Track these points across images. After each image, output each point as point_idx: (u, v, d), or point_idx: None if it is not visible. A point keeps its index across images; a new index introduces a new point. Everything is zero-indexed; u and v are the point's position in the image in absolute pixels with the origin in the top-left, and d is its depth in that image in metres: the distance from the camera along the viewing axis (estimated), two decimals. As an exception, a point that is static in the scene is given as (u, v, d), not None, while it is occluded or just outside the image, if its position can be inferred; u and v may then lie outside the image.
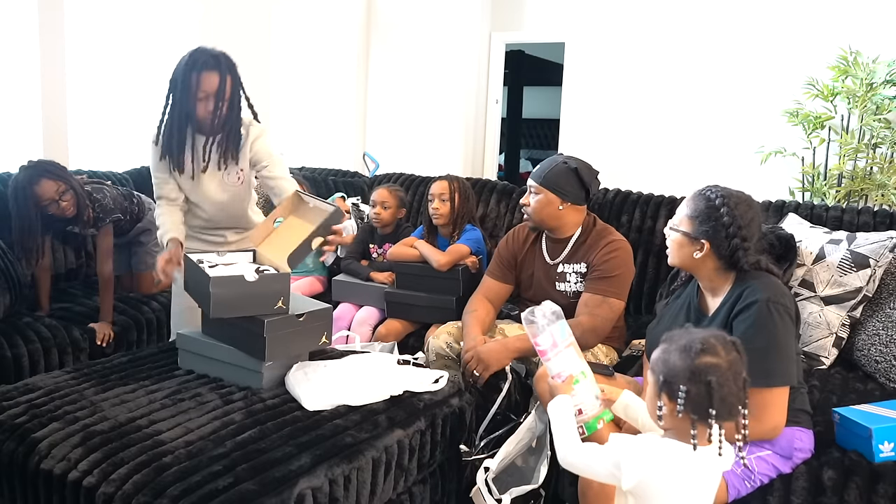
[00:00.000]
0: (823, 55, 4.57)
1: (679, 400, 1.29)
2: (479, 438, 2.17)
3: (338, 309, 2.93)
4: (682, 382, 1.29)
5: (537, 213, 2.37)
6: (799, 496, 1.55)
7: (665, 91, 5.29)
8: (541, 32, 5.83)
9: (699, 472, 1.34)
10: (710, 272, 1.74)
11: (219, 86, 2.10)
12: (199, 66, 2.07)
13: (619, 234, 2.42)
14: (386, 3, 5.92)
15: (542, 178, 2.34)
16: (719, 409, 1.29)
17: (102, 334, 2.62)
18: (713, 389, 1.28)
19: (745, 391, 1.31)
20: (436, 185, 2.92)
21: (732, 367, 1.31)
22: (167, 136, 2.19)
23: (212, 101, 2.11)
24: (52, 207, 2.59)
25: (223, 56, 2.13)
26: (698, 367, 1.29)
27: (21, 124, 3.48)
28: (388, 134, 6.04)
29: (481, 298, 2.47)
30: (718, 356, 1.30)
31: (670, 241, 1.78)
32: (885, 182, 4.24)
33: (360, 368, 1.90)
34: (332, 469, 1.49)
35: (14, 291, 2.58)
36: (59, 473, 1.45)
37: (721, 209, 1.68)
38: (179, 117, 2.14)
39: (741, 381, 1.31)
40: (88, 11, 3.74)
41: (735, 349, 1.34)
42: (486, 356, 2.19)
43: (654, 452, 1.34)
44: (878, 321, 2.21)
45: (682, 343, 1.33)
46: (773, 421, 1.59)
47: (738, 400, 1.30)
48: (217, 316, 1.79)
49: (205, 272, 1.82)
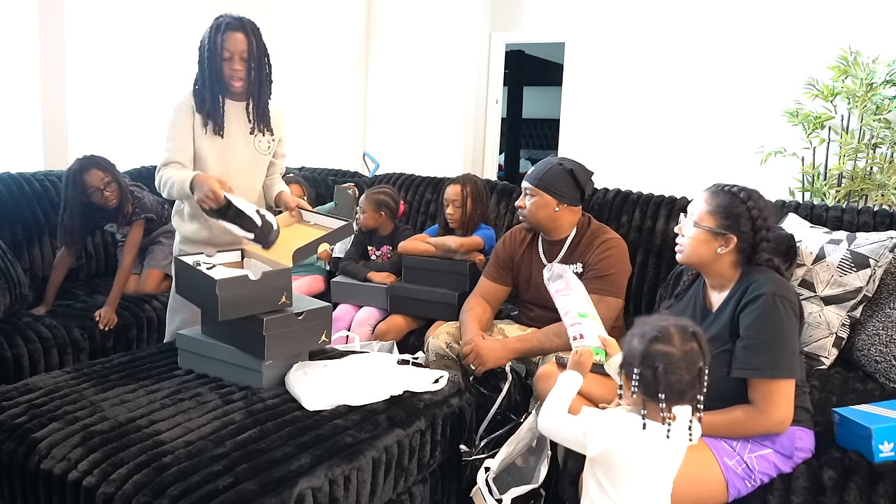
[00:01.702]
0: (823, 55, 4.57)
1: (633, 381, 1.39)
2: (479, 438, 2.17)
3: (337, 310, 2.93)
4: (636, 365, 1.40)
5: (533, 216, 2.37)
6: (799, 496, 1.55)
7: (665, 91, 5.29)
8: (541, 32, 5.83)
9: (660, 446, 1.40)
10: (725, 268, 1.74)
11: (243, 47, 2.17)
12: (223, 28, 2.15)
13: (613, 232, 2.42)
14: (386, 3, 5.92)
15: (538, 181, 2.34)
16: (667, 394, 1.37)
17: (107, 319, 2.67)
18: (660, 375, 1.36)
19: (699, 380, 1.38)
20: (450, 190, 2.94)
21: (686, 356, 1.38)
22: (200, 96, 2.22)
23: (237, 62, 2.17)
24: (96, 196, 2.84)
25: (247, 20, 2.20)
26: (650, 353, 1.39)
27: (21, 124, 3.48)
28: (388, 134, 6.04)
29: (478, 299, 2.47)
30: (671, 345, 1.38)
31: (690, 238, 1.75)
32: (885, 182, 4.24)
33: (360, 368, 1.90)
34: (332, 469, 1.49)
35: (14, 291, 2.58)
36: (59, 473, 1.45)
37: (747, 202, 1.71)
38: (210, 78, 2.19)
39: (695, 370, 1.38)
40: (88, 12, 3.74)
41: (695, 339, 1.39)
42: (485, 352, 2.20)
43: (617, 425, 1.43)
44: (878, 321, 2.21)
45: (644, 329, 1.42)
46: (780, 414, 1.59)
47: (690, 387, 1.38)
48: (225, 318, 1.78)
49: (208, 275, 1.81)
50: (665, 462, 1.43)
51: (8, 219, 2.90)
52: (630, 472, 1.42)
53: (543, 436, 1.95)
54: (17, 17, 3.38)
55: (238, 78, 2.20)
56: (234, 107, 2.28)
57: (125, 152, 3.94)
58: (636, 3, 5.34)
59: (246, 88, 2.24)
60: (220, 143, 2.26)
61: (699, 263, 1.77)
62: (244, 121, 2.30)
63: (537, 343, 2.24)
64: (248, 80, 2.22)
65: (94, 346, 2.61)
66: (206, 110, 2.22)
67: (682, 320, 1.45)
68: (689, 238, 1.76)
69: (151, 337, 2.85)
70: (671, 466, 1.44)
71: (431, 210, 3.57)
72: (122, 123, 4.01)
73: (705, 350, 1.40)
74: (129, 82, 4.01)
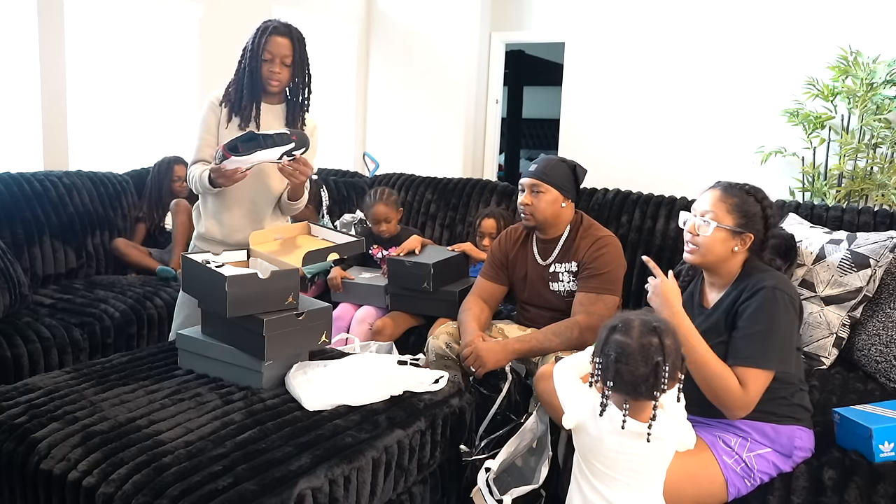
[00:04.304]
0: (823, 55, 4.57)
1: (595, 368, 1.41)
2: (479, 439, 2.17)
3: (337, 309, 2.94)
4: (596, 354, 1.42)
5: (542, 212, 2.34)
6: (799, 495, 1.55)
7: (665, 91, 5.29)
8: (541, 32, 5.83)
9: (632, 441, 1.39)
10: (734, 266, 1.75)
11: (286, 52, 2.20)
12: (269, 31, 2.20)
13: (606, 229, 2.42)
14: (386, 3, 5.92)
15: (548, 176, 2.32)
16: (616, 383, 1.37)
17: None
18: (611, 364, 1.37)
19: (654, 375, 1.35)
20: (487, 224, 3.04)
21: (643, 349, 1.36)
22: (237, 94, 2.24)
23: (277, 65, 2.20)
24: (177, 184, 3.48)
25: (295, 28, 2.26)
26: (607, 342, 1.40)
27: (21, 125, 3.48)
28: (388, 134, 6.04)
29: (476, 298, 2.47)
30: (629, 336, 1.38)
31: (708, 238, 1.73)
32: (885, 182, 4.24)
33: (360, 369, 1.90)
34: (332, 469, 1.49)
35: (14, 291, 2.58)
36: (58, 473, 1.45)
37: (763, 201, 1.73)
38: (248, 77, 2.22)
39: (651, 364, 1.35)
40: (88, 13, 3.74)
41: (656, 335, 1.37)
42: (485, 354, 2.19)
43: (588, 403, 1.46)
44: (878, 321, 2.21)
45: (613, 320, 1.43)
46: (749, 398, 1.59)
47: (644, 380, 1.36)
48: (233, 315, 1.79)
49: (217, 272, 1.81)
50: (645, 458, 1.41)
51: (8, 219, 2.90)
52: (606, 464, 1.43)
53: (544, 436, 1.96)
54: (16, 17, 3.38)
55: (276, 79, 2.22)
56: (267, 108, 2.30)
57: (125, 153, 3.95)
58: (636, 3, 5.34)
59: (282, 92, 2.28)
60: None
61: (714, 263, 1.75)
62: (274, 122, 2.31)
63: (537, 343, 2.24)
64: (287, 84, 2.27)
65: (94, 346, 2.61)
66: (235, 105, 2.25)
67: (653, 315, 1.45)
68: (708, 238, 1.73)
69: (152, 335, 2.85)
70: (654, 465, 1.43)
71: (431, 210, 3.58)
72: (123, 124, 4.00)
73: (668, 348, 1.36)
74: (130, 83, 4.01)
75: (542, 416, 1.98)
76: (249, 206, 2.32)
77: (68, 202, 3.13)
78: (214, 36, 4.37)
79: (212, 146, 2.27)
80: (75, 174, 3.26)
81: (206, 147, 2.28)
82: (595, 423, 1.43)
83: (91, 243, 3.20)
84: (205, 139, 2.28)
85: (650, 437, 1.36)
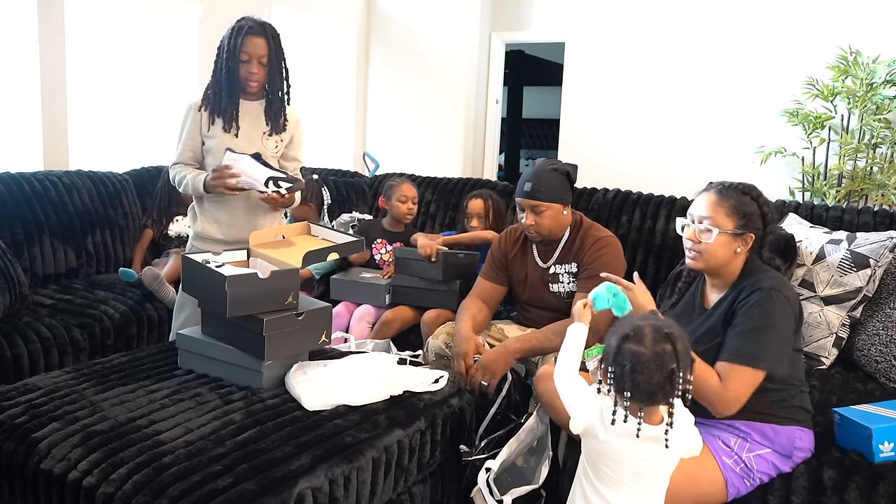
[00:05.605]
0: (823, 55, 4.57)
1: (609, 377, 1.40)
2: (479, 438, 2.17)
3: (336, 307, 2.94)
4: (609, 363, 1.40)
5: (548, 228, 2.33)
6: (799, 496, 1.55)
7: (665, 91, 5.29)
8: (541, 32, 5.83)
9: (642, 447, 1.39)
10: (736, 267, 1.75)
11: (263, 52, 2.23)
12: (245, 31, 2.21)
13: (606, 230, 2.42)
14: (386, 3, 5.92)
15: (545, 193, 2.28)
16: (633, 393, 1.36)
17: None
18: (626, 374, 1.36)
19: (670, 382, 1.35)
20: (474, 205, 3.03)
21: (657, 357, 1.36)
22: (214, 94, 2.27)
23: (255, 65, 2.22)
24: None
25: (269, 25, 2.27)
26: (620, 351, 1.39)
27: (21, 125, 3.48)
28: (388, 134, 6.04)
29: (475, 298, 2.47)
30: (642, 344, 1.37)
31: (709, 245, 1.71)
32: (885, 182, 4.24)
33: (360, 368, 1.89)
34: (332, 469, 1.49)
35: (14, 291, 2.58)
36: (58, 473, 1.45)
37: (758, 198, 1.73)
38: (227, 78, 2.24)
39: (666, 371, 1.35)
40: (88, 13, 3.74)
41: (669, 341, 1.37)
42: (492, 364, 2.17)
43: (595, 409, 1.46)
44: (878, 321, 2.21)
45: (622, 327, 1.41)
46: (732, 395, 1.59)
47: (660, 388, 1.36)
48: (233, 315, 1.79)
49: (217, 272, 1.81)
50: (651, 462, 1.41)
51: (8, 219, 2.90)
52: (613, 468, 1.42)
53: (544, 436, 1.96)
54: (17, 17, 3.38)
55: (255, 80, 2.25)
56: (247, 106, 2.32)
57: (125, 153, 3.95)
58: (636, 3, 5.34)
59: (261, 89, 2.30)
60: (227, 139, 2.29)
61: (718, 266, 1.74)
62: (256, 120, 2.33)
63: (537, 343, 2.23)
64: (265, 82, 2.29)
65: (94, 346, 2.61)
66: (215, 107, 2.27)
67: (663, 321, 1.44)
68: (710, 244, 1.71)
69: (152, 335, 2.85)
70: (660, 468, 1.43)
71: (431, 210, 3.58)
72: (123, 124, 4.00)
73: (681, 353, 1.37)
74: (130, 83, 4.01)
75: (542, 416, 1.98)
76: (245, 204, 2.34)
77: (68, 202, 3.13)
78: (214, 36, 4.34)
79: (193, 150, 2.34)
80: (75, 174, 3.26)
81: (186, 151, 2.34)
82: (603, 427, 1.42)
83: (91, 243, 3.20)
84: (186, 143, 2.34)
85: (668, 443, 1.37)
